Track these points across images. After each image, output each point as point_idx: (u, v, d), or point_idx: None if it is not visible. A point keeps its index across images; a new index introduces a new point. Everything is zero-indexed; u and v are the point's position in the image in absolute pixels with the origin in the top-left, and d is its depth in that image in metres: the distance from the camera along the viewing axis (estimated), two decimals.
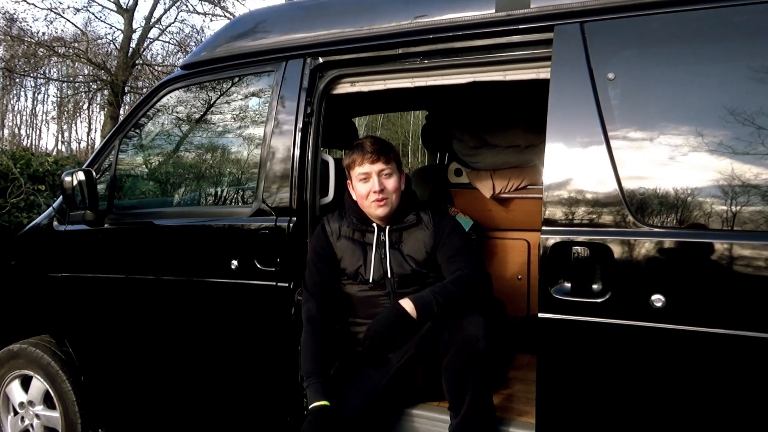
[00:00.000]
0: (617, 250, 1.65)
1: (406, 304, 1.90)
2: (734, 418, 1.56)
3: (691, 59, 1.67)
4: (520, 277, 3.11)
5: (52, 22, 20.27)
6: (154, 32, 16.83)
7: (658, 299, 1.59)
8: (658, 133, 1.65)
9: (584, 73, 1.73)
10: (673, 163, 1.63)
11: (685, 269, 1.59)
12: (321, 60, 2.24)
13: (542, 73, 1.91)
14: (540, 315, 1.74)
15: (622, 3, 1.73)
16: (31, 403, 2.91)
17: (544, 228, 1.75)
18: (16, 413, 2.95)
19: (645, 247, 1.62)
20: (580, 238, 1.70)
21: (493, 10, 1.93)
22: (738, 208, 1.56)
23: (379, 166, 2.08)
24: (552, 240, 1.73)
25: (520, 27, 1.90)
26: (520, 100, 2.98)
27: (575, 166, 1.72)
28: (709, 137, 1.59)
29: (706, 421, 1.59)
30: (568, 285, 1.72)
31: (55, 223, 2.87)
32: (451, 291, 1.93)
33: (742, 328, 1.52)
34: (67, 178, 2.59)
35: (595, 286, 1.69)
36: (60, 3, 24.10)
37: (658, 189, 1.64)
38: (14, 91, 24.56)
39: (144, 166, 3.07)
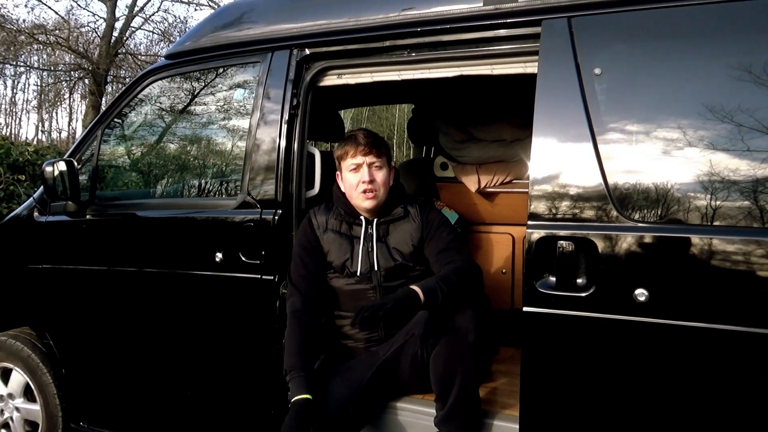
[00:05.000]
0: (601, 245, 1.66)
1: (416, 290, 1.89)
2: (717, 410, 1.58)
3: (677, 55, 1.68)
4: (504, 271, 3.13)
5: (32, 9, 19.96)
6: (137, 21, 16.62)
7: (641, 293, 1.61)
8: (643, 129, 1.66)
9: (571, 68, 1.74)
10: (658, 158, 1.64)
11: (668, 264, 1.61)
12: (308, 51, 2.22)
13: (529, 67, 1.91)
14: (525, 309, 1.75)
15: None
16: (10, 395, 2.87)
17: (529, 222, 1.76)
18: None
19: (629, 241, 1.64)
20: (565, 233, 1.71)
21: (481, 4, 1.92)
22: (721, 203, 1.57)
23: (370, 158, 2.09)
24: (537, 234, 1.74)
25: (508, 21, 1.90)
26: (506, 95, 2.99)
27: (561, 160, 1.73)
28: (694, 133, 1.60)
29: (689, 413, 1.61)
30: (552, 279, 1.73)
31: (36, 213, 2.83)
32: (454, 282, 1.94)
33: (724, 323, 1.54)
34: (48, 169, 2.55)
35: (579, 281, 1.70)
36: None
37: (642, 184, 1.65)
38: None
39: (127, 156, 3.03)
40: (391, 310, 1.84)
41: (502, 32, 1.92)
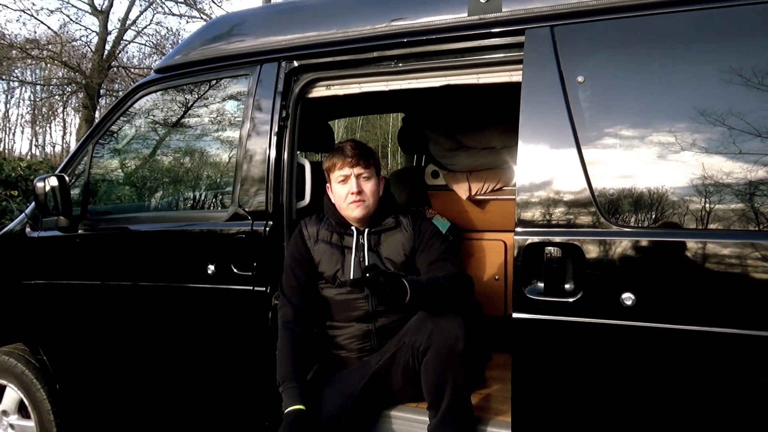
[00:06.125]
0: (588, 250, 1.68)
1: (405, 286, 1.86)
2: (704, 412, 1.59)
3: (658, 62, 1.71)
4: (497, 277, 3.14)
5: (24, 24, 20.02)
6: (129, 34, 16.66)
7: (628, 297, 1.62)
8: (626, 135, 1.68)
9: (555, 76, 1.76)
10: (642, 164, 1.66)
11: (653, 268, 1.63)
12: (296, 63, 2.24)
13: (514, 76, 1.94)
14: (514, 315, 1.77)
15: (591, 7, 1.76)
16: (4, 412, 2.86)
17: (517, 229, 1.77)
18: None
19: (615, 246, 1.66)
20: (553, 239, 1.73)
21: (466, 14, 1.95)
22: (704, 208, 1.60)
23: (358, 169, 2.10)
24: (525, 241, 1.76)
25: (493, 30, 1.92)
26: (495, 102, 3.01)
27: (547, 167, 1.75)
28: (676, 138, 1.63)
29: (677, 416, 1.62)
30: (541, 285, 1.74)
31: (28, 229, 2.83)
32: (444, 287, 1.95)
33: (708, 325, 1.56)
34: (40, 184, 2.55)
35: (567, 286, 1.71)
36: (33, 4, 23.74)
37: (627, 190, 1.67)
38: None
39: (119, 170, 3.04)
40: (381, 293, 1.82)
41: (487, 42, 1.95)
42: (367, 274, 1.81)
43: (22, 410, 2.83)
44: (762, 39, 1.60)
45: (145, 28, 16.82)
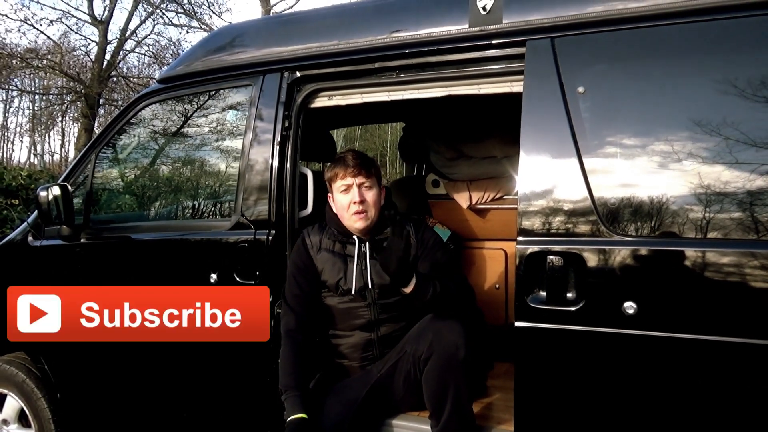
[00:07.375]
0: (590, 259, 1.69)
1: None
2: (706, 421, 1.60)
3: (658, 72, 1.73)
4: (498, 286, 3.15)
5: (25, 34, 20.12)
6: (129, 44, 16.73)
7: (629, 306, 1.63)
8: (627, 145, 1.70)
9: (555, 87, 1.78)
10: (642, 173, 1.67)
11: (655, 277, 1.64)
12: (298, 74, 2.26)
13: (515, 86, 1.96)
14: (516, 324, 1.77)
15: (591, 19, 1.78)
16: (5, 421, 2.85)
17: (519, 238, 1.79)
18: None
19: (616, 255, 1.67)
20: (554, 248, 1.74)
21: (467, 26, 1.97)
22: (704, 217, 1.61)
23: (360, 179, 2.11)
24: (527, 250, 1.77)
25: (493, 42, 1.94)
26: (496, 112, 3.04)
27: (548, 177, 1.76)
28: (676, 148, 1.65)
29: (679, 424, 1.62)
30: (543, 294, 1.75)
31: (30, 238, 2.83)
32: (448, 286, 1.96)
33: (710, 333, 1.57)
34: (43, 193, 2.56)
35: (569, 295, 1.72)
36: (34, 14, 23.80)
37: (628, 199, 1.68)
38: None
39: (121, 180, 3.05)
40: (389, 267, 1.86)
41: (488, 53, 1.97)
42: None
43: (22, 419, 2.82)
44: (759, 50, 1.62)
45: (146, 38, 16.89)
